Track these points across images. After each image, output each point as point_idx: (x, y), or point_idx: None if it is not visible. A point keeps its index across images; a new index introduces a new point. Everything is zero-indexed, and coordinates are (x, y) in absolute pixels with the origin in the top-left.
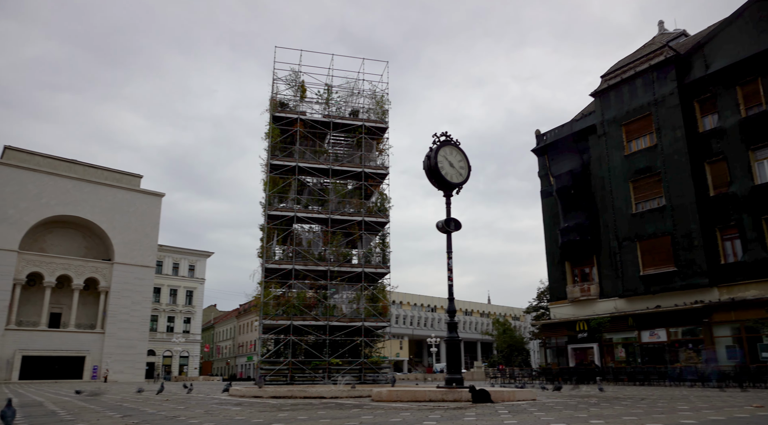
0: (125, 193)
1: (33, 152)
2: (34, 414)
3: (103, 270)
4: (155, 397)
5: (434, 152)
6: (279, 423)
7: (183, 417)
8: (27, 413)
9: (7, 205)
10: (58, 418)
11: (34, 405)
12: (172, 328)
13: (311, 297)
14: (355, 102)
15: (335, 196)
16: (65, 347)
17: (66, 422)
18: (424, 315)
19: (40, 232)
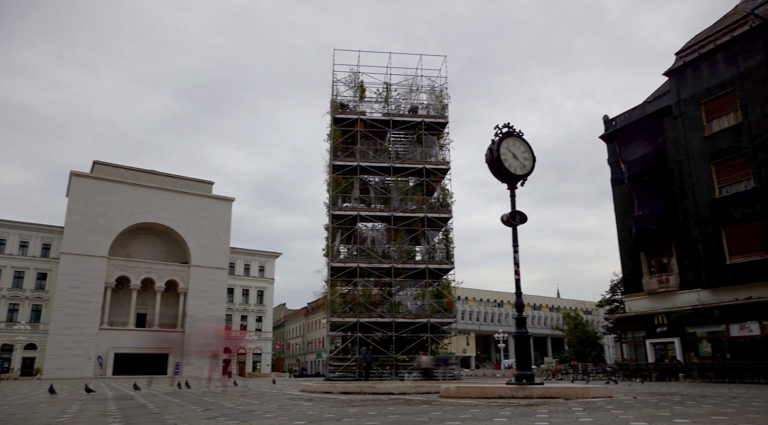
0: (199, 199)
1: (118, 165)
2: (127, 407)
3: (182, 272)
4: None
5: (496, 144)
6: (350, 418)
7: (258, 411)
8: (121, 406)
9: (97, 214)
10: (147, 410)
11: (126, 398)
12: (246, 327)
13: (376, 295)
14: (414, 98)
15: (397, 194)
16: (151, 345)
17: (154, 414)
18: (491, 310)
19: (126, 239)
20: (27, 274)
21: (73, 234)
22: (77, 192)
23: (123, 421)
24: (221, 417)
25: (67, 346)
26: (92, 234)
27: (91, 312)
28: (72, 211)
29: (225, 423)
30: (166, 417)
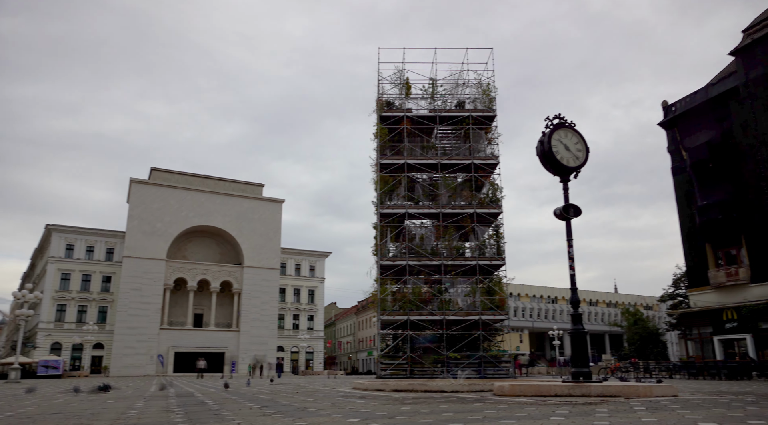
0: (250, 202)
1: (173, 171)
2: (188, 403)
3: (235, 273)
4: (287, 390)
5: (547, 136)
6: (403, 415)
7: (312, 408)
8: (182, 402)
9: (155, 219)
10: (206, 407)
11: (187, 395)
12: (298, 325)
13: (426, 292)
14: (460, 93)
15: (445, 190)
16: (208, 344)
17: (213, 411)
18: (544, 306)
19: (182, 242)
20: (93, 277)
21: (133, 239)
22: (137, 198)
23: (185, 417)
24: (277, 413)
25: (131, 345)
26: (151, 238)
27: (152, 313)
28: (132, 217)
29: (281, 419)
30: (225, 413)
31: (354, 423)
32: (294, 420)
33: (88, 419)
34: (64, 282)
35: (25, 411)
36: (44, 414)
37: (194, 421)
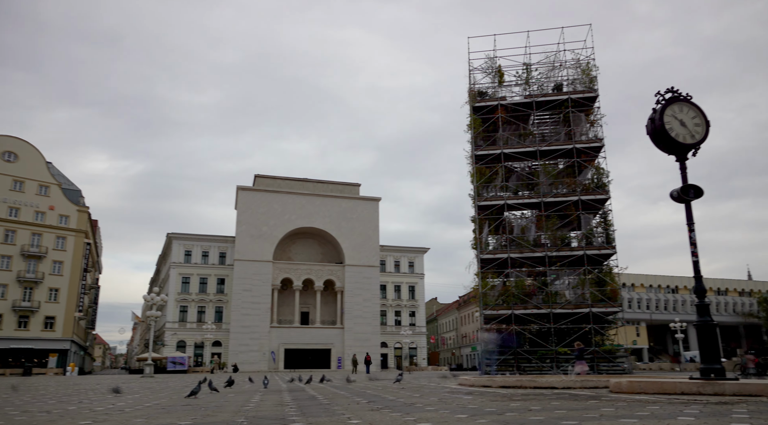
0: (348, 202)
1: (275, 176)
2: (300, 398)
3: (337, 272)
4: (392, 385)
5: (659, 112)
6: (512, 412)
7: (419, 404)
8: (294, 397)
9: (261, 223)
10: (317, 402)
11: (298, 390)
12: (400, 322)
13: (530, 285)
14: (557, 76)
15: (546, 178)
16: (314, 341)
17: (324, 405)
18: (663, 297)
19: (286, 244)
20: (209, 280)
21: (242, 243)
22: (243, 204)
23: (298, 411)
24: (385, 409)
25: (245, 343)
26: (258, 241)
27: (262, 312)
28: (240, 222)
29: (389, 415)
30: (335, 407)
31: (462, 419)
32: (402, 416)
33: (213, 411)
34: (185, 285)
35: (160, 402)
36: (175, 406)
37: (306, 415)
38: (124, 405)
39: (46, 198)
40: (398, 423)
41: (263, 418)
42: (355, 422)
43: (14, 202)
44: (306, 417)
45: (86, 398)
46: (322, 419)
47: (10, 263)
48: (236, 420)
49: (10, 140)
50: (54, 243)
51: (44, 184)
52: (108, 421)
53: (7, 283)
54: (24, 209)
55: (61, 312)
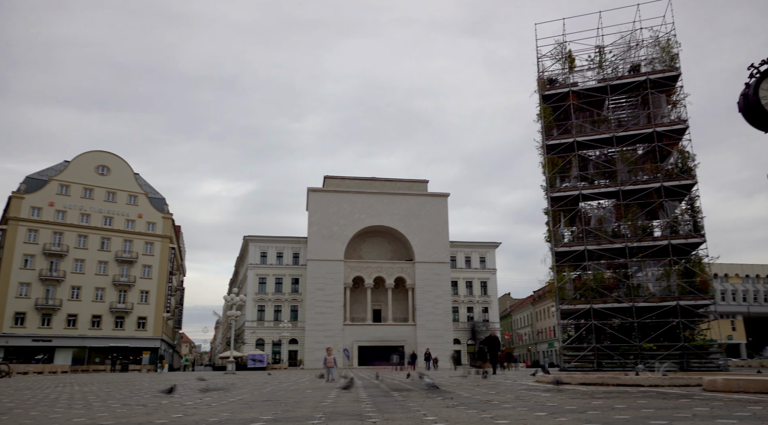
0: (416, 199)
1: (344, 177)
2: (375, 394)
3: (407, 269)
4: (465, 382)
5: (753, 86)
6: (594, 410)
7: (496, 401)
8: (370, 393)
9: (332, 223)
10: (392, 398)
11: (372, 386)
12: (472, 318)
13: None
14: (633, 56)
15: (624, 165)
16: (387, 337)
17: (399, 402)
18: (763, 288)
19: (356, 243)
20: (284, 280)
21: (314, 243)
22: (314, 205)
23: (374, 407)
24: (460, 406)
25: (320, 340)
26: (329, 241)
27: (335, 310)
28: (312, 223)
29: (465, 411)
30: (410, 404)
31: (541, 417)
32: (478, 413)
33: (292, 406)
34: (261, 286)
35: (242, 398)
36: (257, 401)
37: (382, 411)
38: (210, 400)
39: (135, 207)
40: (475, 420)
41: (340, 414)
42: (430, 419)
43: (108, 212)
44: (382, 414)
45: (177, 393)
46: (397, 415)
47: (107, 268)
48: (315, 416)
49: (103, 155)
50: (143, 249)
51: (133, 193)
52: (197, 415)
53: (104, 287)
54: (116, 218)
55: (152, 313)
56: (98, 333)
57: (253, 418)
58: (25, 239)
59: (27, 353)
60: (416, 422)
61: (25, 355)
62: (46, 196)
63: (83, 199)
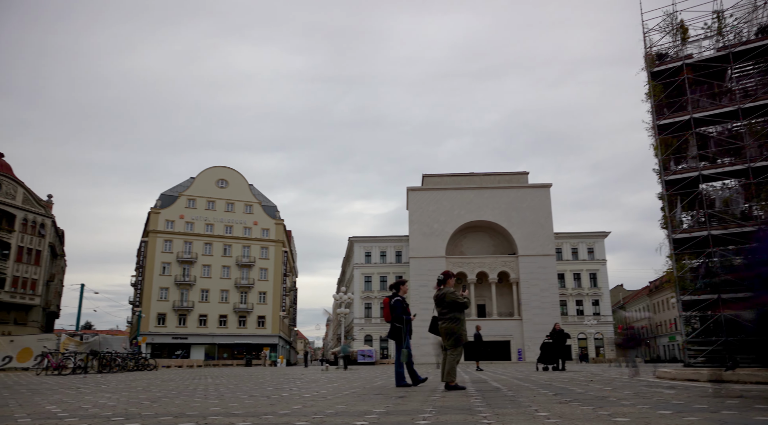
0: (516, 191)
1: (442, 174)
2: (484, 389)
3: (511, 263)
4: (579, 378)
5: None
6: (730, 410)
7: (612, 398)
8: (478, 388)
9: (432, 221)
10: (502, 393)
11: (480, 381)
12: (582, 311)
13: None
14: (761, 16)
15: (753, 140)
16: (492, 333)
17: (509, 397)
18: None
19: (457, 239)
20: (389, 278)
21: (416, 241)
22: (414, 203)
23: (483, 402)
24: (574, 402)
25: (425, 336)
26: (430, 238)
27: None
28: (412, 221)
29: (579, 408)
30: (521, 399)
31: (666, 415)
32: (594, 410)
33: (402, 400)
34: (367, 284)
35: (355, 391)
36: (369, 394)
37: (492, 406)
38: (326, 393)
39: (251, 215)
40: (591, 417)
41: (450, 408)
42: (542, 414)
43: (228, 221)
44: (492, 409)
45: (295, 386)
46: (508, 410)
47: (229, 272)
48: (425, 409)
49: (221, 169)
50: (259, 253)
51: (248, 203)
52: (315, 406)
53: (228, 289)
54: (235, 226)
55: (269, 312)
56: (225, 331)
57: (367, 410)
58: (162, 249)
59: (168, 349)
60: (528, 417)
61: (166, 351)
62: (177, 209)
63: (207, 211)
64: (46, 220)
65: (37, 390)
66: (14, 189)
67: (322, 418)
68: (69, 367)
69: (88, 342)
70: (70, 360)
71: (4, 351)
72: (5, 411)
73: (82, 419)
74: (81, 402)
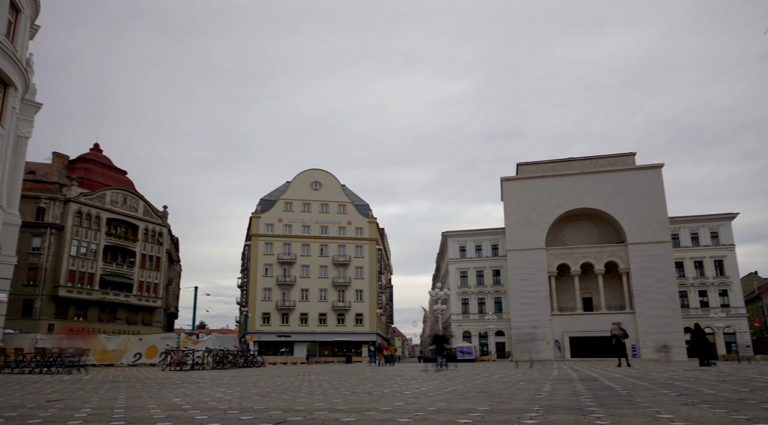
0: (622, 175)
1: (538, 162)
2: (594, 388)
3: (619, 252)
4: (708, 377)
5: None
6: None
7: (751, 400)
8: (588, 386)
9: (529, 211)
10: (615, 392)
11: (590, 380)
12: (706, 303)
13: None
14: None
15: None
16: (601, 328)
17: (623, 396)
18: None
19: (557, 229)
20: (485, 273)
21: (513, 233)
22: (509, 194)
23: (595, 401)
24: (702, 403)
25: (527, 332)
26: (527, 229)
27: (541, 300)
28: (508, 212)
29: (709, 410)
30: (638, 399)
31: None
32: (728, 413)
33: (507, 398)
34: (463, 279)
35: (456, 388)
36: (471, 392)
37: (606, 406)
38: (426, 390)
39: (344, 215)
40: (725, 421)
41: (558, 407)
42: (666, 416)
43: (323, 222)
44: (606, 409)
45: (395, 383)
46: (625, 411)
47: (326, 271)
48: (531, 408)
49: (315, 172)
50: (354, 252)
51: (342, 203)
52: (416, 403)
53: (326, 288)
54: (330, 226)
55: (366, 310)
56: (325, 329)
57: (469, 408)
58: (264, 252)
59: (273, 346)
60: (648, 419)
61: (271, 348)
62: (275, 213)
63: (303, 213)
64: (163, 229)
65: (164, 384)
66: (136, 202)
67: (424, 415)
68: (188, 363)
69: (204, 341)
70: (189, 357)
71: (135, 349)
72: (140, 403)
73: (203, 411)
74: (201, 395)
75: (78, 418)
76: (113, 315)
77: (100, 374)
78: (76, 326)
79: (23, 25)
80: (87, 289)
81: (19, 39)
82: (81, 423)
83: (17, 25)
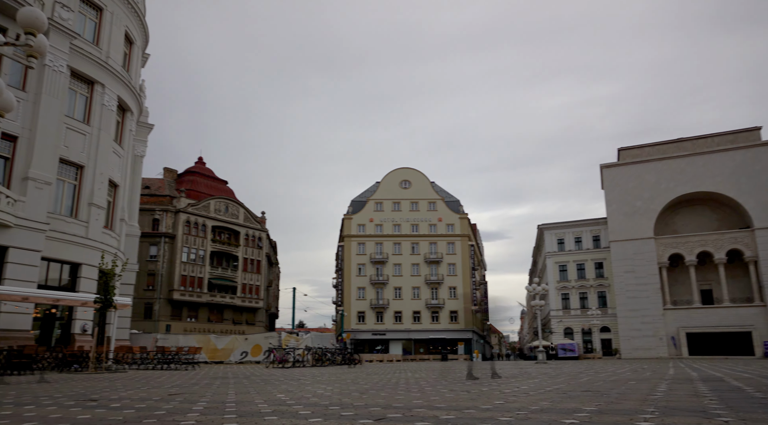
0: (744, 152)
1: (641, 145)
2: (720, 389)
3: (744, 239)
4: None
5: None
6: None
7: None
8: (712, 387)
9: (633, 198)
10: (746, 394)
11: (714, 380)
12: None
13: None
14: None
15: None
16: (724, 323)
17: (756, 399)
18: None
19: (667, 216)
20: (587, 265)
21: (616, 222)
22: (610, 182)
23: (721, 404)
24: None
25: (636, 327)
26: (632, 218)
27: (651, 294)
28: (610, 201)
29: None
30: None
31: None
32: None
33: (616, 398)
34: (562, 273)
35: (560, 387)
36: (575, 391)
37: (735, 409)
38: (527, 389)
39: (435, 212)
40: None
41: (677, 409)
42: None
43: (414, 220)
44: (735, 412)
45: (495, 381)
46: (758, 416)
47: (419, 269)
48: (645, 409)
49: (404, 171)
50: (446, 249)
51: (431, 200)
52: (517, 402)
53: (419, 286)
54: (421, 224)
55: (460, 307)
56: (419, 326)
57: (575, 408)
58: (357, 252)
59: (369, 344)
60: None
61: (367, 346)
62: (366, 214)
63: (393, 212)
64: (262, 234)
65: (268, 380)
66: (237, 209)
67: (526, 414)
68: (290, 361)
69: (303, 339)
70: (290, 355)
71: (242, 347)
72: (248, 398)
73: (306, 407)
74: (303, 392)
75: (196, 411)
76: (221, 316)
77: (212, 371)
78: (189, 326)
79: (136, 54)
80: (197, 292)
81: (133, 67)
82: (199, 416)
83: (131, 55)
